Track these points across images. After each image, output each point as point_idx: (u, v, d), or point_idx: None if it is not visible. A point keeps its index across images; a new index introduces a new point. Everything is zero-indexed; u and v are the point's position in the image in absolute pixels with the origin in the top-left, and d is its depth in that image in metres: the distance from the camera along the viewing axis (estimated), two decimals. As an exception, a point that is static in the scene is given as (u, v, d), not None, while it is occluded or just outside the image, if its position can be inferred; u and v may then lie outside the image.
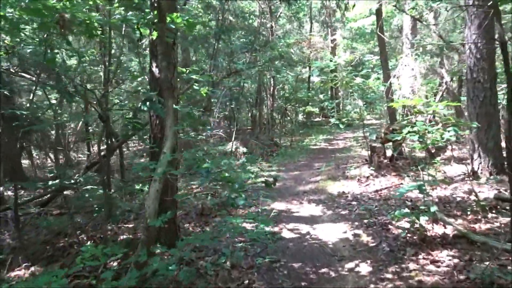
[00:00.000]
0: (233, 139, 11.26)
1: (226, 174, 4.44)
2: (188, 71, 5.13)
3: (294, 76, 16.70)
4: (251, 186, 8.08)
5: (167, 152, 3.17)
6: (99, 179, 6.36)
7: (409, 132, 5.32)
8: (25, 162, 12.82)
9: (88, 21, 3.46)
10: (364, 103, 32.87)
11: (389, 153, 9.06)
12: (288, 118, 22.13)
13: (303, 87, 22.65)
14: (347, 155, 11.69)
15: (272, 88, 15.98)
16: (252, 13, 14.85)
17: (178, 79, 6.20)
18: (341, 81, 8.15)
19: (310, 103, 23.31)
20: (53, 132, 9.17)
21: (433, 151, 9.36)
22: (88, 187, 5.09)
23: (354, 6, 13.57)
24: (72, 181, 5.23)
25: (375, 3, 8.24)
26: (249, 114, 22.62)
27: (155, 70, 4.47)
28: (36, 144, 9.29)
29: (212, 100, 11.21)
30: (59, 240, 5.50)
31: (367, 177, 7.89)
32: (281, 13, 15.87)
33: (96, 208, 4.70)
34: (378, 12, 9.15)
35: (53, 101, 9.49)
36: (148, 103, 3.80)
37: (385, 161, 8.74)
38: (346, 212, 6.21)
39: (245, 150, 11.50)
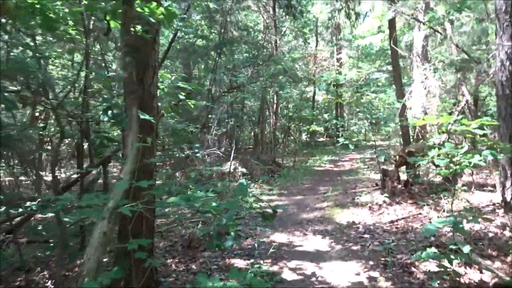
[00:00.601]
0: (231, 158, 10.40)
1: (213, 204, 3.56)
2: (174, 77, 4.33)
3: (298, 93, 15.95)
4: (248, 213, 7.18)
5: (125, 178, 2.33)
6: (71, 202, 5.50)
7: (437, 155, 4.46)
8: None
9: (39, 7, 2.68)
10: (369, 123, 31.97)
11: (402, 177, 8.17)
12: (292, 137, 21.31)
13: (307, 106, 21.92)
14: (355, 178, 10.78)
15: (275, 105, 15.21)
16: (256, 27, 14.23)
17: (166, 89, 5.40)
18: (350, 97, 7.35)
19: (314, 123, 22.55)
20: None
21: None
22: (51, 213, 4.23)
23: (366, 14, 12.86)
24: (41, 205, 4.39)
25: (389, 12, 7.51)
26: (252, 133, 21.88)
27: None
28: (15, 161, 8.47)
29: (211, 116, 10.42)
30: (17, 276, 4.61)
31: (380, 205, 6.97)
32: (286, 28, 15.26)
33: (51, 243, 3.83)
34: (391, 24, 8.43)
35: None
36: (109, 112, 2.98)
37: (399, 186, 7.83)
38: (358, 247, 5.28)
39: (244, 170, 10.62)
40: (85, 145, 6.65)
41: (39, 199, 5.03)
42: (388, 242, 5.31)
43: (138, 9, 2.84)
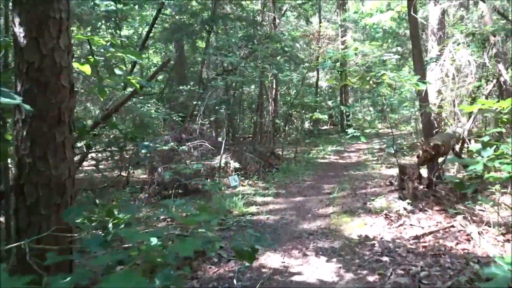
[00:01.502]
0: (222, 151, 9.03)
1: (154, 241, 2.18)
2: (109, 42, 2.92)
3: (299, 77, 14.44)
4: (235, 222, 5.83)
5: None
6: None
7: (495, 156, 3.07)
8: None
9: None
10: (378, 110, 30.24)
11: (422, 174, 6.77)
12: (293, 125, 19.87)
13: (310, 92, 20.40)
14: (365, 174, 9.39)
15: (274, 91, 13.75)
16: (253, 3, 12.68)
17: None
18: (362, 77, 5.92)
19: (317, 110, 21.06)
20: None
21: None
22: None
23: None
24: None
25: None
26: (252, 121, 20.45)
27: (18, 31, 2.27)
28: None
29: (197, 103, 9.02)
30: None
31: (399, 213, 5.59)
32: (286, 4, 13.67)
33: None
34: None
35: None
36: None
37: (421, 187, 6.45)
38: (375, 277, 3.93)
39: (237, 165, 9.25)
40: None
41: None
42: (416, 269, 3.95)
43: None
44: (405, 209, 5.61)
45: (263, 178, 9.34)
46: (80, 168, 14.96)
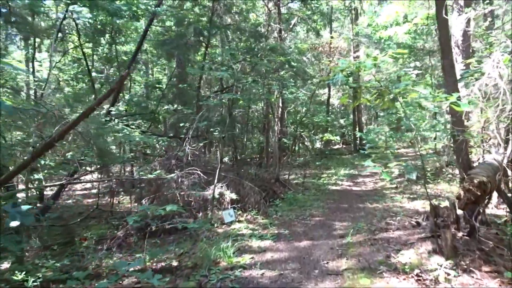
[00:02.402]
0: (215, 180, 7.73)
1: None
2: None
3: (307, 94, 13.18)
4: (221, 280, 4.49)
5: None
6: None
7: None
8: None
9: None
10: (390, 129, 28.76)
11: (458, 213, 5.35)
12: (303, 146, 18.53)
13: (321, 110, 19.12)
14: (384, 208, 7.97)
15: (280, 109, 12.50)
16: (257, 14, 11.57)
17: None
18: (382, 95, 4.62)
19: (329, 129, 19.71)
20: None
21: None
22: None
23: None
24: None
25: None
26: (259, 142, 19.22)
27: None
28: None
29: (187, 124, 7.79)
30: None
31: (436, 275, 4.17)
32: (294, 16, 12.50)
33: None
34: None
35: None
36: None
37: (460, 234, 5.04)
38: None
39: (234, 196, 7.93)
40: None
41: None
42: None
43: None
44: (444, 267, 4.20)
45: (264, 212, 7.98)
46: (71, 193, 13.87)
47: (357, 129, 24.52)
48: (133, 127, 8.05)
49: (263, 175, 10.39)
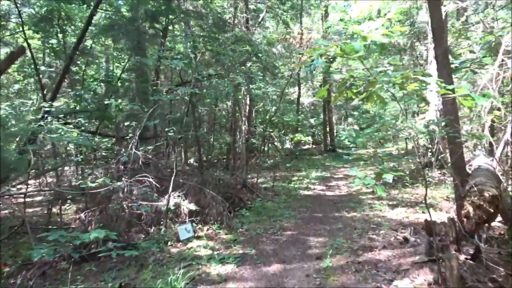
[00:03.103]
0: (170, 189, 6.55)
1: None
2: None
3: (277, 91, 12.17)
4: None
5: None
6: None
7: None
8: None
9: None
10: (360, 129, 28.49)
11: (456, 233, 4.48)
12: (271, 146, 17.55)
13: (291, 109, 18.21)
14: (363, 217, 7.06)
15: (247, 107, 11.43)
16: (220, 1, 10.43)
17: None
18: (373, 86, 3.65)
19: (299, 129, 18.86)
20: None
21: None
22: None
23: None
24: None
25: None
26: (225, 142, 18.11)
27: None
28: None
29: (133, 124, 6.56)
30: None
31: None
32: (263, 17, 11.42)
33: None
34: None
35: None
36: None
37: (462, 257, 4.15)
38: None
39: (192, 207, 6.78)
40: None
41: None
42: None
43: None
44: (453, 309, 3.27)
45: (228, 225, 6.88)
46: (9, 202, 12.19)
47: (328, 128, 23.90)
48: (71, 126, 6.72)
49: (229, 181, 9.29)
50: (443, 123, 4.94)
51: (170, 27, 9.51)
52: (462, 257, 4.14)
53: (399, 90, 3.67)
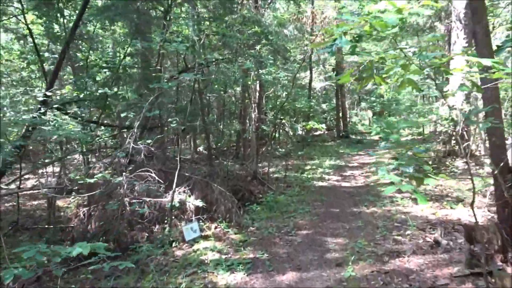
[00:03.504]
0: (174, 185, 6.03)
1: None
2: None
3: (289, 76, 11.48)
4: None
5: None
6: None
7: None
8: None
9: None
10: (372, 114, 27.40)
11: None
12: (282, 132, 16.92)
13: (302, 94, 17.47)
14: (384, 213, 6.47)
15: (257, 94, 10.80)
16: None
17: None
18: (405, 68, 3.02)
19: (311, 115, 18.15)
20: None
21: None
22: None
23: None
24: None
25: None
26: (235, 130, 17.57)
27: None
28: None
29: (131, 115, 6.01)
30: None
31: None
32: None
33: None
34: None
35: None
36: None
37: (510, 270, 3.55)
38: None
39: (199, 203, 6.26)
40: None
41: None
42: None
43: None
44: None
45: (238, 223, 6.36)
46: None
47: (340, 114, 23.12)
48: (67, 118, 6.21)
49: (238, 173, 8.75)
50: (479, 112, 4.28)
51: (174, 9, 8.86)
52: (509, 269, 3.54)
53: (444, 74, 3.01)
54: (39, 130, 5.66)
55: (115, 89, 5.91)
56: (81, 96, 8.28)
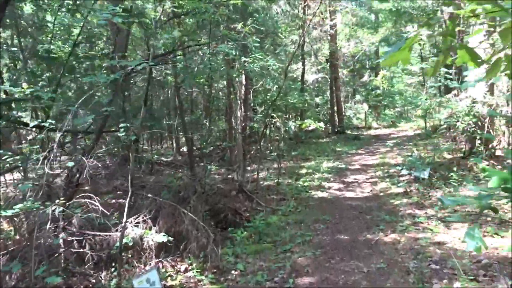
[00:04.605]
0: (124, 216, 4.34)
1: None
2: None
3: (279, 67, 9.78)
4: None
5: None
6: None
7: None
8: None
9: None
10: (368, 107, 25.77)
11: None
12: (273, 128, 15.25)
13: (294, 88, 15.76)
14: (410, 244, 4.85)
15: (243, 88, 9.10)
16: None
17: None
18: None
19: (306, 112, 16.52)
20: None
21: None
22: None
23: None
24: None
25: None
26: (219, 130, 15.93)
27: None
28: None
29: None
30: None
31: None
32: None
33: None
34: None
35: None
36: None
37: None
38: None
39: (164, 238, 4.59)
40: None
41: None
42: None
43: None
44: None
45: (215, 265, 4.69)
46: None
47: (335, 108, 21.48)
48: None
49: (220, 187, 7.08)
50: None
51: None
52: None
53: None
54: None
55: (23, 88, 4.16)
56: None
